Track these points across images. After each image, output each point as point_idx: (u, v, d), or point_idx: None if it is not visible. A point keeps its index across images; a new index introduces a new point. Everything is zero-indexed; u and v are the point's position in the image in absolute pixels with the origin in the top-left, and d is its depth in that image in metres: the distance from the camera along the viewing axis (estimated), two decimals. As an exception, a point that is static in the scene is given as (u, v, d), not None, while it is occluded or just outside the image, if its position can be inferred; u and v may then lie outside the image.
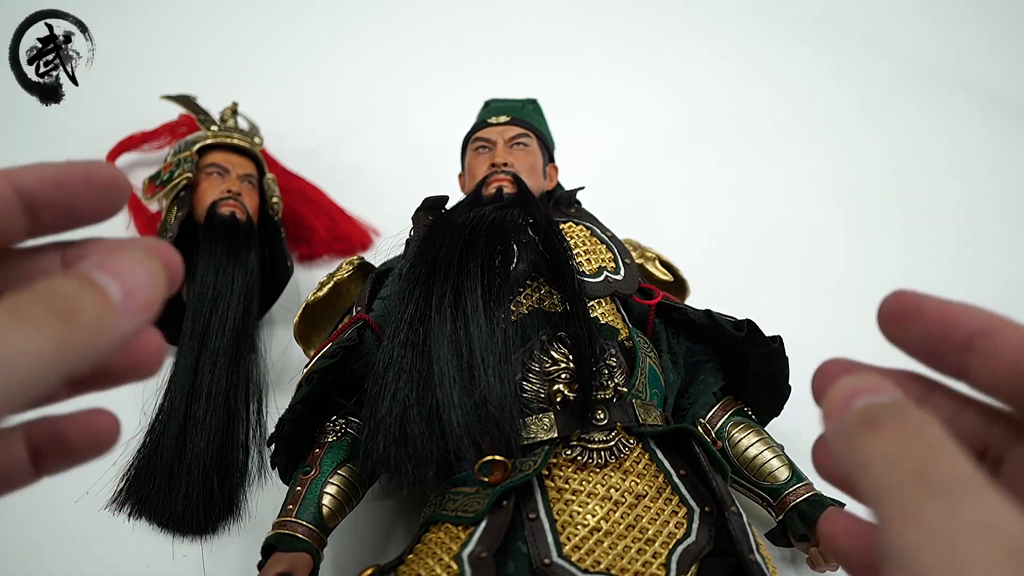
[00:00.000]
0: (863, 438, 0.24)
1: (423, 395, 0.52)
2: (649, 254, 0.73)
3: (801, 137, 1.13)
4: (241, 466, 0.65)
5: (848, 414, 0.25)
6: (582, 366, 0.54)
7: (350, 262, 0.69)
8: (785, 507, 0.59)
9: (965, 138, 1.16)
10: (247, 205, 0.78)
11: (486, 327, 0.54)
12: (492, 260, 0.58)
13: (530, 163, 0.69)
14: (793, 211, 1.01)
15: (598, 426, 0.53)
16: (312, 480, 0.56)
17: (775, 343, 0.62)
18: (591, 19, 1.35)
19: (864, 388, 0.26)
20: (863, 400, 0.26)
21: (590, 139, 1.04)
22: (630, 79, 1.22)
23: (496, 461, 0.50)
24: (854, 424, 0.25)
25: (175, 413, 0.65)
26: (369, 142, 1.04)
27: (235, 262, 0.73)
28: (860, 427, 0.25)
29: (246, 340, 0.71)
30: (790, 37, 1.33)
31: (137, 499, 0.62)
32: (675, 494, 0.52)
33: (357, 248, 0.88)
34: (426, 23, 1.30)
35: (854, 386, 0.26)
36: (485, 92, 0.81)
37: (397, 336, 0.55)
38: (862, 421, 0.25)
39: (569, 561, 0.47)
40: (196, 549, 0.61)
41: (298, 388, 0.58)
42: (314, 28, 1.25)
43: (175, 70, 1.09)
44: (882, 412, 0.25)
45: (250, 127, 0.90)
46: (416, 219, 0.66)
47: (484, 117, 0.74)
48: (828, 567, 0.57)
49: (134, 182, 0.88)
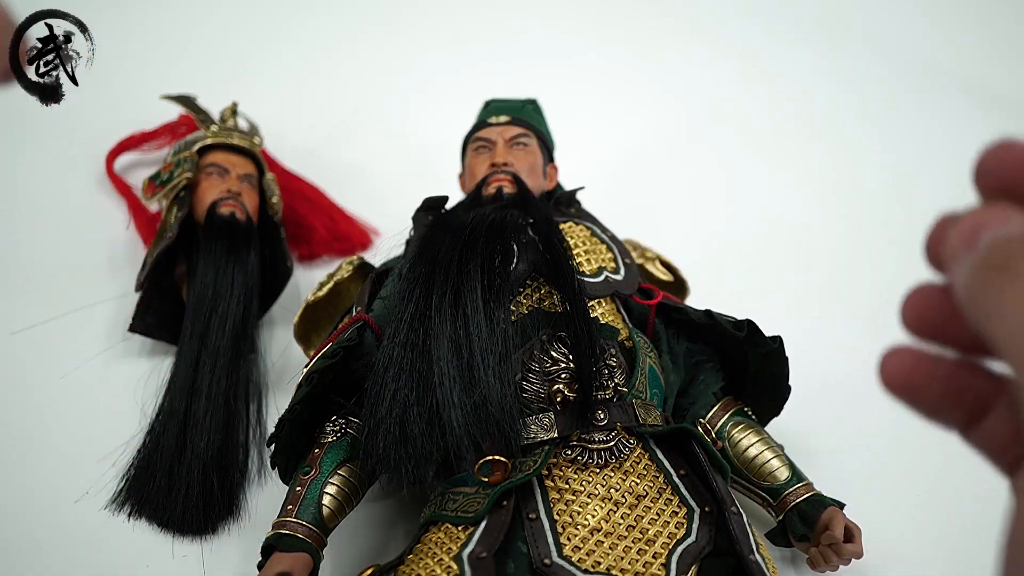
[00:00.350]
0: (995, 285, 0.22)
1: (423, 395, 0.52)
2: (649, 254, 0.73)
3: (801, 137, 1.13)
4: (241, 466, 0.65)
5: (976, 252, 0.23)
6: (582, 366, 0.54)
7: (350, 262, 0.69)
8: (785, 507, 0.59)
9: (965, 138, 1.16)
10: (247, 205, 0.78)
11: (486, 327, 0.54)
12: (492, 260, 0.58)
13: (530, 163, 0.69)
14: (793, 211, 1.01)
15: (598, 426, 0.53)
16: (312, 480, 0.56)
17: (775, 343, 0.62)
18: (591, 19, 1.35)
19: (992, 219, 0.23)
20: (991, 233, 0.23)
21: (590, 139, 1.04)
22: (630, 79, 1.22)
23: (496, 461, 0.50)
24: (984, 268, 0.22)
25: (175, 413, 0.65)
26: (369, 142, 1.04)
27: (235, 262, 0.73)
28: (991, 273, 0.22)
29: (246, 340, 0.71)
30: (790, 37, 1.33)
31: (137, 499, 0.62)
32: (675, 494, 0.52)
33: (357, 248, 0.88)
34: (426, 23, 1.30)
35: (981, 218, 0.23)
36: (485, 92, 0.81)
37: (397, 336, 0.55)
38: (993, 265, 0.22)
39: (569, 561, 0.47)
40: (196, 549, 0.61)
41: (298, 388, 0.58)
42: (314, 28, 1.25)
43: (175, 70, 1.09)
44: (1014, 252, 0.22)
45: (250, 127, 0.90)
46: (416, 219, 0.66)
47: (484, 117, 0.74)
48: (828, 567, 0.57)
49: (134, 182, 0.88)
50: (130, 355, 0.75)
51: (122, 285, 0.79)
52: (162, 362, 0.72)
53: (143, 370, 0.72)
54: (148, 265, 0.73)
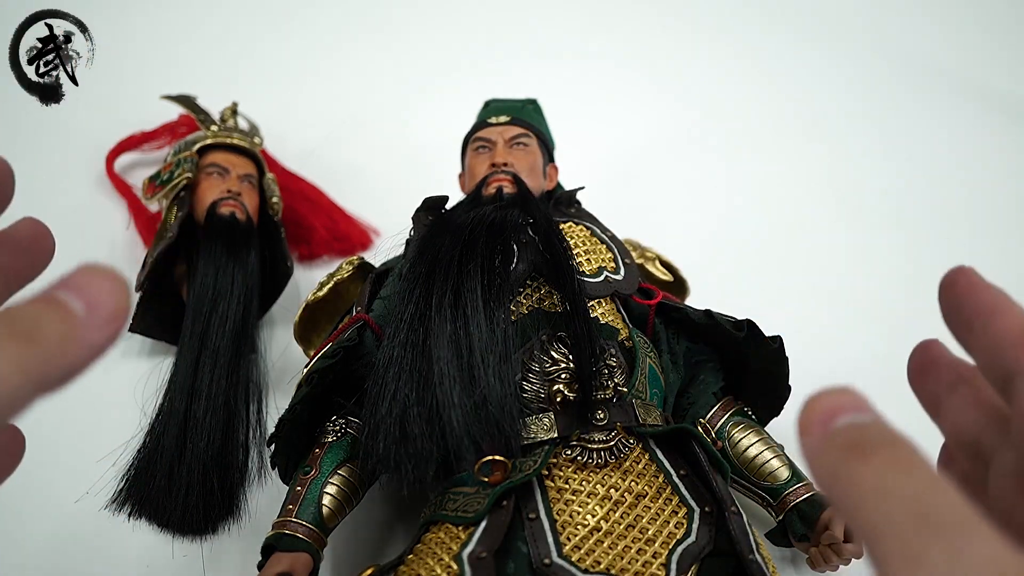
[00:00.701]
0: (851, 466, 0.23)
1: (423, 395, 0.52)
2: (649, 254, 0.73)
3: (801, 137, 1.13)
4: (241, 466, 0.65)
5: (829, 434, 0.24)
6: (582, 366, 0.54)
7: (350, 262, 0.69)
8: (785, 507, 0.59)
9: (965, 138, 1.16)
10: (247, 205, 0.78)
11: (486, 327, 0.54)
12: (492, 260, 0.58)
13: (530, 163, 0.69)
14: (793, 211, 1.01)
15: (598, 426, 0.53)
16: (312, 480, 0.56)
17: (775, 343, 0.62)
18: (591, 19, 1.35)
19: (846, 406, 0.25)
20: (845, 419, 0.24)
21: (590, 139, 1.04)
22: (630, 79, 1.22)
23: (496, 461, 0.50)
24: (840, 449, 0.24)
25: (175, 413, 0.65)
26: (369, 142, 1.04)
27: (235, 262, 0.73)
28: (847, 453, 0.23)
29: (246, 340, 0.71)
30: (790, 37, 1.33)
31: (137, 499, 0.62)
32: (675, 494, 0.52)
33: (357, 248, 0.88)
34: (426, 23, 1.30)
35: (835, 402, 0.25)
36: (485, 92, 0.81)
37: (397, 336, 0.55)
38: (849, 447, 0.23)
39: (569, 561, 0.47)
40: (196, 549, 0.61)
41: (298, 388, 0.58)
42: (314, 28, 1.25)
43: (175, 70, 1.09)
44: (870, 438, 0.23)
45: (250, 127, 0.90)
46: (416, 219, 0.66)
47: (484, 117, 0.74)
48: (828, 567, 0.57)
49: (134, 182, 0.88)
50: (130, 355, 0.75)
51: (122, 285, 0.79)
52: (162, 362, 0.72)
53: (143, 370, 0.72)
54: (148, 265, 0.73)
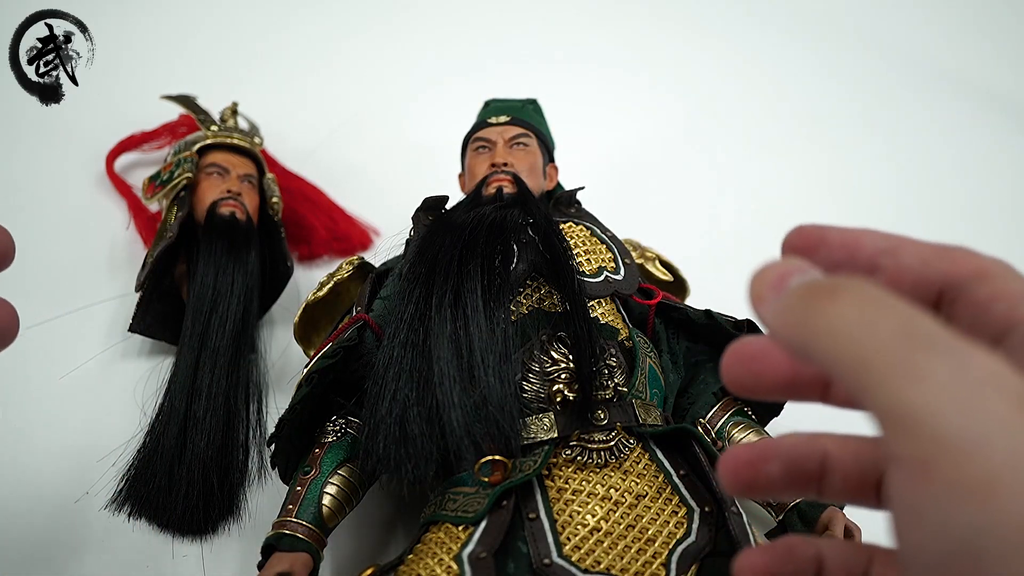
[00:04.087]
0: (822, 307, 0.22)
1: (423, 395, 0.52)
2: (649, 254, 0.73)
3: (801, 137, 1.14)
4: (241, 466, 0.65)
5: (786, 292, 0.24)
6: (582, 366, 0.54)
7: (350, 262, 0.69)
8: (785, 507, 0.59)
9: (965, 138, 1.16)
10: (247, 205, 0.78)
11: (486, 327, 0.54)
12: (492, 260, 0.58)
13: (530, 163, 0.69)
14: (793, 211, 1.01)
15: (598, 426, 0.53)
16: (312, 480, 0.56)
17: (775, 343, 0.62)
18: (591, 19, 1.35)
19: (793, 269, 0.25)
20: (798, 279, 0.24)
21: (590, 139, 1.04)
22: (630, 79, 1.22)
23: (496, 461, 0.50)
24: (804, 298, 0.23)
25: (175, 413, 0.65)
26: (369, 142, 1.04)
27: (235, 262, 0.73)
28: (811, 298, 0.23)
29: (246, 340, 0.71)
30: (790, 37, 1.33)
31: (137, 499, 0.62)
32: (675, 494, 0.52)
33: (357, 248, 0.88)
34: (427, 23, 1.30)
35: (783, 268, 0.25)
36: (485, 92, 0.81)
37: (397, 336, 0.55)
38: (812, 294, 0.23)
39: (569, 561, 0.47)
40: (196, 549, 0.61)
41: (298, 388, 0.58)
42: (315, 28, 1.25)
43: (175, 70, 1.09)
44: (831, 282, 0.23)
45: (250, 127, 0.90)
46: (416, 219, 0.66)
47: (484, 117, 0.74)
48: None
49: (134, 182, 0.88)
50: (130, 355, 0.74)
51: (122, 285, 0.79)
52: (162, 362, 0.72)
53: (143, 370, 0.72)
54: (148, 265, 0.73)
